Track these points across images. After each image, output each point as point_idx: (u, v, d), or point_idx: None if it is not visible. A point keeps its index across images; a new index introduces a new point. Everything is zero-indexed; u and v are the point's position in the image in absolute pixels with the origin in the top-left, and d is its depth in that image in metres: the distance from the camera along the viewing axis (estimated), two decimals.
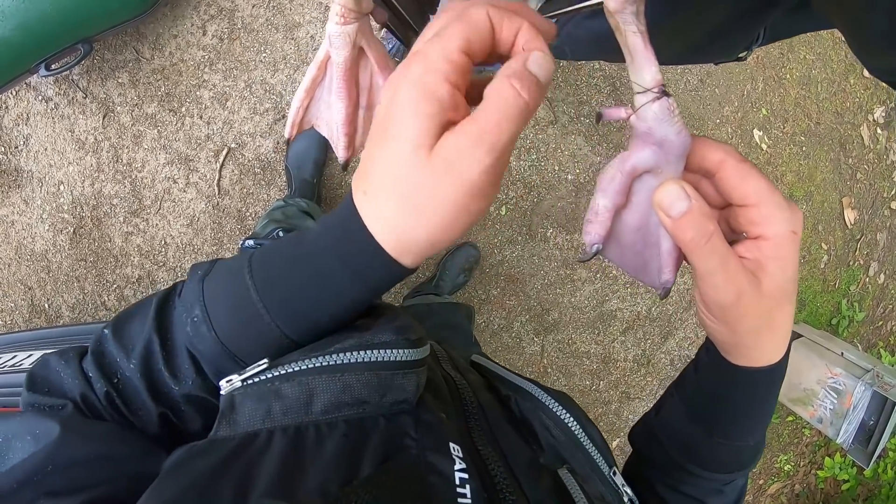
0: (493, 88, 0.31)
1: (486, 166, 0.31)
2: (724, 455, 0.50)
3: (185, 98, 1.71)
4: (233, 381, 0.35)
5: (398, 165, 0.31)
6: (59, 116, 1.69)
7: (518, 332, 2.10)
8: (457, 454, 0.35)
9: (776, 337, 0.41)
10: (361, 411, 0.35)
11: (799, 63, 2.27)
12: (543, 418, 0.48)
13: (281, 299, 0.35)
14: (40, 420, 0.34)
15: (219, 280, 0.38)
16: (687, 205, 0.35)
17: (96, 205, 1.75)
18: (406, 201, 0.32)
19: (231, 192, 1.79)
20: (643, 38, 0.35)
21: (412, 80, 0.31)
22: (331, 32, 0.43)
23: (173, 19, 1.65)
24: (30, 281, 1.79)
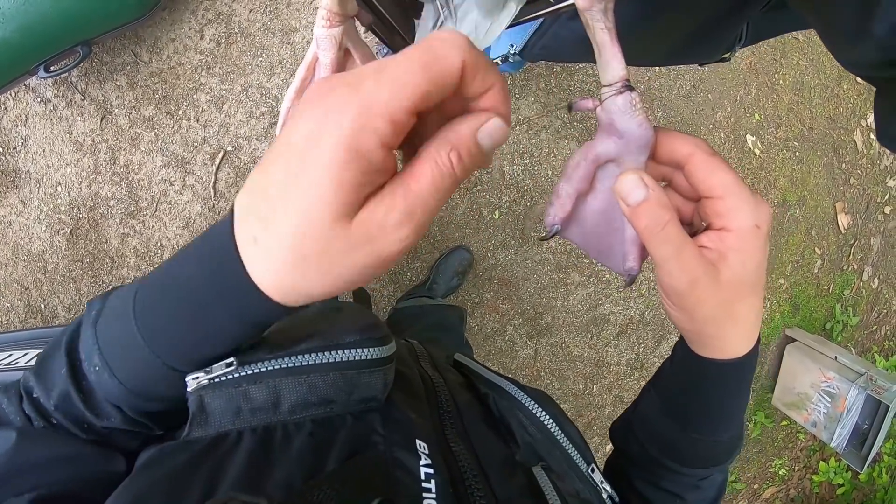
0: (432, 157, 0.29)
1: (408, 243, 0.29)
2: (698, 450, 0.50)
3: (182, 101, 1.73)
4: (200, 379, 0.33)
5: (309, 228, 0.27)
6: (57, 118, 1.71)
7: (511, 336, 2.12)
8: (423, 451, 0.36)
9: (739, 329, 0.42)
10: (329, 410, 0.36)
11: (792, 69, 2.29)
12: (520, 416, 0.49)
13: (168, 342, 0.33)
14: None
15: (109, 324, 0.35)
16: (644, 194, 0.36)
17: (93, 206, 1.77)
18: (307, 262, 0.28)
19: (227, 195, 1.80)
20: (611, 34, 0.37)
21: (344, 133, 0.26)
22: (317, 35, 0.45)
23: (171, 23, 1.68)
24: (26, 281, 1.81)
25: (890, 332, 2.83)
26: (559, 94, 1.95)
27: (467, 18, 0.46)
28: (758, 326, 0.43)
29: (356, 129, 0.26)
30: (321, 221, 0.27)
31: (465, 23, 0.46)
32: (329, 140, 0.26)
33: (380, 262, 0.29)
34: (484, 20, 0.45)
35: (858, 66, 0.44)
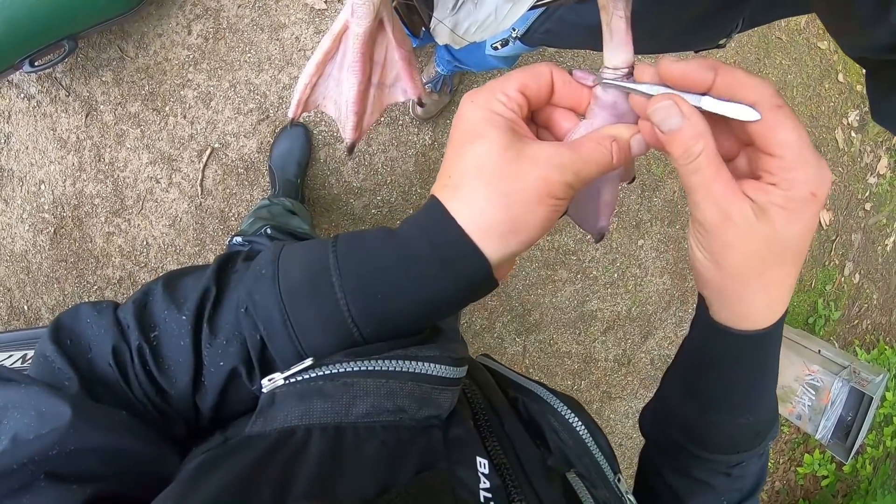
0: (598, 136, 0.38)
1: (567, 183, 0.36)
2: (720, 434, 0.48)
3: (168, 97, 1.73)
4: (275, 380, 0.35)
5: (485, 158, 0.36)
6: (41, 114, 1.70)
7: (500, 333, 2.14)
8: (483, 471, 0.36)
9: (768, 295, 0.39)
10: (398, 420, 0.36)
11: (775, 68, 2.34)
12: (552, 421, 0.48)
13: (360, 274, 0.36)
14: (49, 398, 0.32)
15: (299, 248, 0.39)
16: (679, 122, 0.35)
17: (77, 204, 1.76)
18: (490, 185, 0.35)
19: (214, 193, 1.80)
20: (627, 23, 0.39)
21: (479, 103, 0.38)
22: (355, 1, 0.43)
23: (158, 18, 1.68)
24: (8, 282, 1.78)
25: (871, 326, 2.90)
26: None
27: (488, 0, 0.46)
28: (787, 300, 0.40)
29: (485, 100, 0.38)
30: (493, 149, 0.36)
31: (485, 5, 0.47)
32: (470, 110, 0.38)
33: (545, 188, 0.35)
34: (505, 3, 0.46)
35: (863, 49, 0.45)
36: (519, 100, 0.38)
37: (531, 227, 0.36)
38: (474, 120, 0.37)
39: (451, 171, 0.38)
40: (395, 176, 1.90)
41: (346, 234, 0.39)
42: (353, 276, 0.36)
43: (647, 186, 2.17)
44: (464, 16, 0.48)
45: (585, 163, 0.36)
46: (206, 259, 1.82)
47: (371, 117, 0.49)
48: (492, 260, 0.36)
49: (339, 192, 1.88)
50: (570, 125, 0.41)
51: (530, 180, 0.35)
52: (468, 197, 0.36)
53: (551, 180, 0.35)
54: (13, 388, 0.33)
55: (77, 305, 0.38)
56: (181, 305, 0.37)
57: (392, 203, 1.91)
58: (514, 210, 0.35)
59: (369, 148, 1.87)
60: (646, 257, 2.24)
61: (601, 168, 0.37)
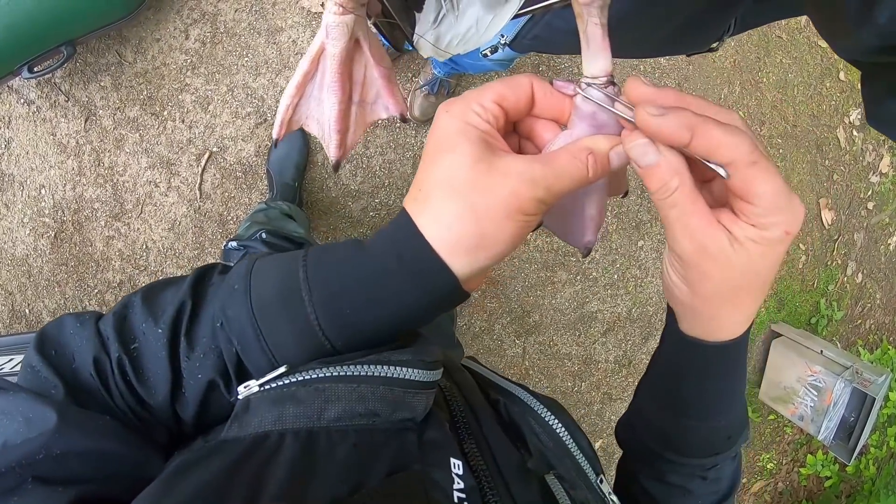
0: (574, 149, 0.37)
1: (538, 199, 0.35)
2: (694, 438, 0.49)
3: (167, 102, 1.73)
4: (250, 387, 0.36)
5: (456, 171, 0.35)
6: (40, 120, 1.70)
7: (499, 335, 2.13)
8: (457, 472, 0.36)
9: (737, 314, 0.41)
10: (371, 423, 0.36)
11: (775, 67, 2.33)
12: (532, 423, 0.49)
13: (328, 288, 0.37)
14: (36, 404, 0.33)
15: (270, 262, 0.39)
16: (655, 159, 0.35)
17: (77, 209, 1.76)
18: (459, 200, 0.35)
19: (213, 196, 1.81)
20: (603, 30, 0.38)
21: (453, 114, 0.37)
22: (328, 23, 0.43)
23: (156, 23, 1.68)
24: (10, 286, 1.79)
25: (874, 325, 2.88)
26: None
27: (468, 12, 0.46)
28: (755, 314, 0.42)
29: (460, 110, 0.37)
30: (464, 162, 0.35)
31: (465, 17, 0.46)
32: (444, 120, 0.37)
33: (515, 204, 0.35)
34: (486, 14, 0.46)
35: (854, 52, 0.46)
36: (495, 111, 0.37)
37: (499, 243, 0.36)
38: (448, 131, 0.37)
39: (422, 182, 0.37)
40: (393, 178, 1.90)
41: (317, 247, 0.40)
42: (323, 290, 0.37)
43: (645, 187, 2.16)
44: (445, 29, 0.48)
45: (558, 177, 0.36)
46: (206, 262, 1.81)
47: (354, 135, 0.49)
48: (460, 274, 0.37)
49: (336, 195, 1.88)
50: (552, 136, 0.41)
51: (500, 195, 0.35)
52: (437, 211, 0.36)
53: (521, 195, 0.35)
54: (1, 395, 0.34)
55: (61, 317, 0.39)
56: (158, 318, 0.38)
57: (390, 206, 1.91)
58: (482, 225, 0.35)
59: (367, 151, 1.87)
60: (646, 258, 2.23)
61: (576, 182, 0.37)
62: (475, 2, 0.46)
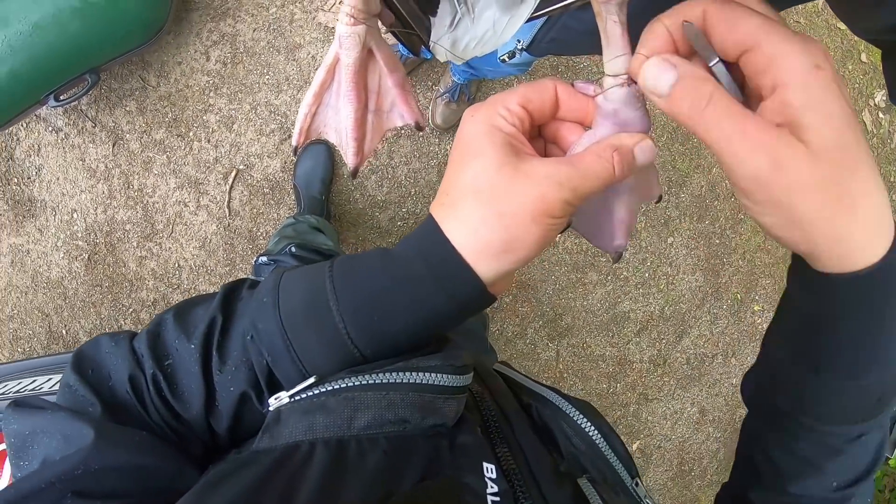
0: (599, 148, 0.36)
1: (565, 200, 0.34)
2: (837, 399, 0.40)
3: (192, 123, 1.72)
4: (281, 398, 0.35)
5: (482, 176, 0.35)
6: (69, 146, 1.71)
7: (532, 339, 2.09)
8: (490, 476, 0.36)
9: (861, 220, 0.31)
10: (402, 430, 0.35)
11: None
12: (564, 426, 0.47)
13: (356, 296, 0.37)
14: (73, 422, 0.34)
15: (297, 274, 0.39)
16: (674, 75, 0.32)
17: (109, 231, 1.77)
18: (485, 204, 0.34)
19: (241, 213, 1.79)
20: (623, 28, 0.37)
21: (479, 118, 0.37)
22: (341, 34, 0.43)
23: (177, 47, 1.67)
24: (47, 308, 1.80)
25: None
26: None
27: (485, 15, 0.45)
28: (890, 217, 0.33)
29: (486, 114, 0.36)
30: (489, 167, 0.35)
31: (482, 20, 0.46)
32: (470, 124, 0.37)
33: (542, 207, 0.34)
34: (503, 16, 0.45)
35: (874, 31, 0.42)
36: (520, 114, 0.37)
37: (527, 246, 0.35)
38: (473, 135, 0.37)
39: (449, 188, 0.37)
40: (419, 187, 1.86)
41: (343, 257, 0.40)
42: (350, 298, 0.37)
43: (673, 183, 2.10)
44: (462, 32, 0.47)
45: (584, 177, 0.35)
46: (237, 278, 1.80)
47: (371, 142, 0.49)
48: (487, 279, 0.36)
49: (364, 206, 1.85)
50: (577, 138, 0.40)
51: (527, 199, 0.34)
52: (463, 216, 0.35)
53: (548, 198, 0.34)
54: (40, 414, 0.35)
55: (97, 337, 0.39)
56: (191, 335, 0.38)
57: (417, 214, 1.88)
58: (510, 230, 0.34)
59: (392, 161, 1.83)
60: (676, 255, 2.16)
61: (602, 181, 0.35)
62: (491, 4, 0.45)
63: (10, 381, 1.23)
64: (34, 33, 1.30)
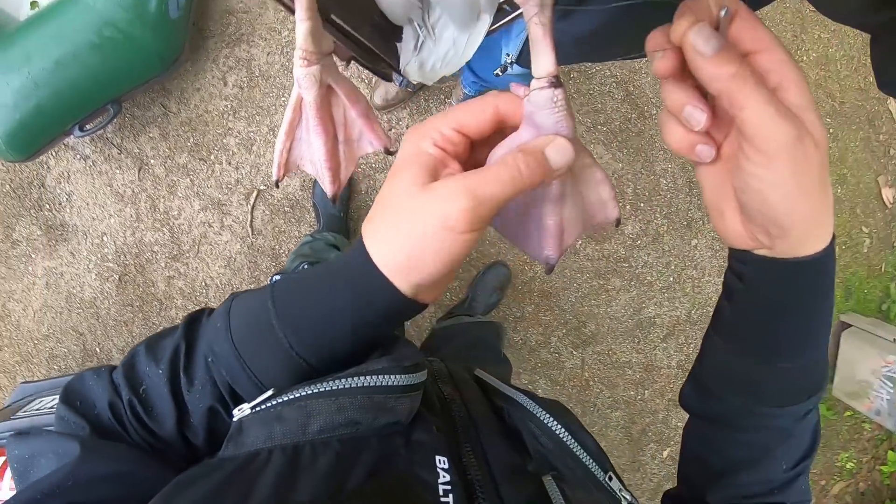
0: (503, 158, 0.36)
1: (465, 209, 0.34)
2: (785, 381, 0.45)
3: (213, 146, 1.74)
4: (243, 409, 0.38)
5: (394, 195, 0.36)
6: (97, 172, 1.74)
7: (556, 347, 2.05)
8: (442, 466, 0.37)
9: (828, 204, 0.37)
10: (354, 431, 0.37)
11: (814, 43, 2.15)
12: (531, 427, 0.48)
13: (290, 308, 0.39)
14: (62, 441, 0.37)
15: (246, 296, 0.42)
16: (720, 42, 0.33)
17: (138, 252, 1.80)
18: (391, 222, 0.36)
19: (264, 232, 1.81)
20: (544, 29, 0.37)
21: (410, 140, 0.38)
22: (297, 76, 0.45)
23: (195, 73, 1.70)
24: (81, 327, 1.85)
25: None
26: (579, 99, 1.89)
27: (445, 35, 0.47)
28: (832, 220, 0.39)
29: (418, 137, 0.37)
30: (400, 187, 0.36)
31: (443, 40, 0.47)
32: (405, 146, 0.38)
33: (441, 221, 0.34)
34: (461, 34, 0.46)
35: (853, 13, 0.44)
36: (452, 137, 0.37)
37: (431, 263, 0.36)
38: (401, 156, 0.38)
39: (375, 204, 0.39)
40: None
41: (283, 277, 0.42)
42: (289, 314, 0.39)
43: (694, 183, 2.04)
44: (427, 54, 0.48)
45: (488, 183, 0.35)
46: None
47: (346, 170, 0.50)
48: (404, 290, 0.37)
49: None
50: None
51: (427, 215, 0.35)
52: (378, 232, 0.37)
53: (447, 211, 0.34)
54: (35, 439, 0.39)
55: (82, 372, 0.43)
56: (159, 361, 0.41)
57: None
58: (408, 246, 0.36)
59: None
60: (701, 257, 2.11)
61: (510, 186, 0.35)
62: (449, 24, 0.46)
63: (45, 398, 1.26)
64: (56, 69, 1.34)
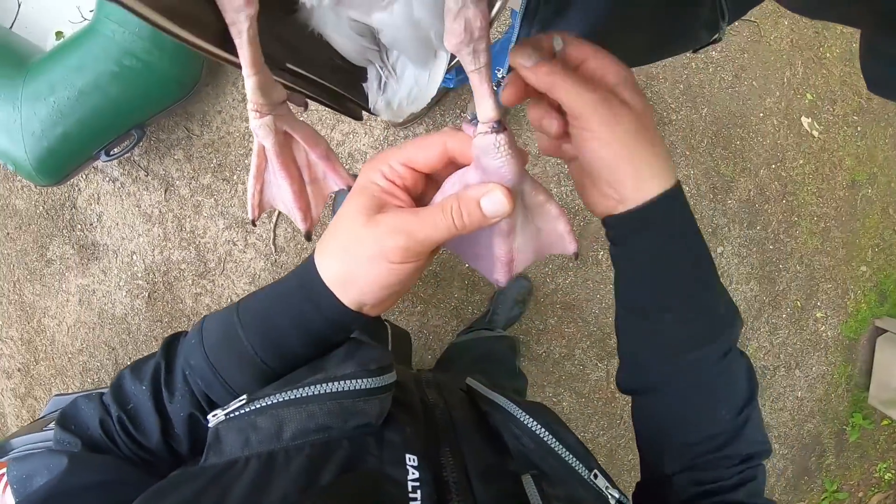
0: (442, 203, 0.38)
1: (399, 246, 0.37)
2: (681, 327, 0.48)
3: (235, 167, 1.76)
4: (217, 416, 0.39)
5: (343, 220, 0.39)
6: (125, 194, 1.77)
7: (580, 360, 2.01)
8: (412, 464, 0.39)
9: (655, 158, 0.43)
10: (326, 436, 0.39)
11: (837, 38, 2.07)
12: (512, 428, 0.49)
13: (252, 318, 0.42)
14: (52, 456, 0.41)
15: (216, 315, 0.45)
16: (537, 56, 0.42)
17: (166, 270, 1.82)
18: (338, 246, 0.39)
19: (287, 249, 1.82)
20: (480, 75, 0.37)
21: (363, 173, 0.41)
22: (252, 127, 0.46)
23: (216, 97, 1.71)
24: (112, 342, 1.88)
25: None
26: None
27: (406, 74, 0.47)
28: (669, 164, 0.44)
29: (370, 170, 0.40)
30: (347, 217, 0.39)
31: (405, 78, 0.48)
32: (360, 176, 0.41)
33: (380, 252, 0.37)
34: (422, 72, 0.47)
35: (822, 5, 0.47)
36: (401, 172, 0.40)
37: (366, 284, 0.39)
38: (357, 185, 0.41)
39: (330, 225, 0.42)
40: None
41: (248, 294, 0.45)
42: (252, 324, 0.42)
43: (718, 189, 1.99)
44: (391, 93, 0.49)
45: (424, 225, 0.38)
46: None
47: (317, 208, 0.52)
48: (347, 303, 0.40)
49: None
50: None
51: (366, 243, 0.38)
52: (326, 249, 0.40)
53: (384, 244, 0.37)
54: (30, 459, 0.42)
55: (75, 399, 0.46)
56: (142, 379, 0.44)
57: None
58: (351, 268, 0.39)
59: None
60: (728, 265, 2.04)
61: (443, 231, 0.38)
62: (408, 63, 0.47)
63: None
64: (80, 98, 1.37)
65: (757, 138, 2.02)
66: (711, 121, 1.97)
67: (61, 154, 1.44)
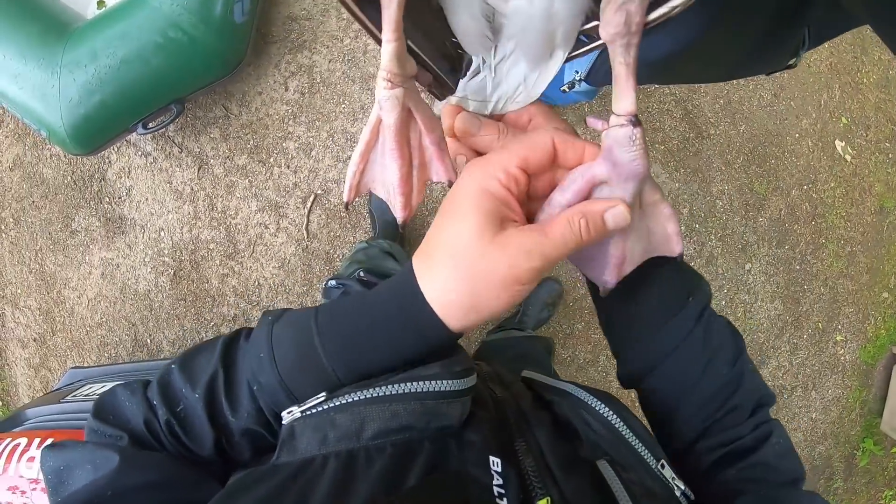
0: (569, 215, 0.37)
1: (534, 268, 0.36)
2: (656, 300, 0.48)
3: (272, 149, 1.71)
4: (293, 412, 0.37)
5: (461, 240, 0.36)
6: (157, 169, 1.73)
7: (604, 366, 1.97)
8: (496, 468, 0.37)
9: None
10: (408, 436, 0.37)
11: (874, 65, 2.04)
12: (584, 415, 0.48)
13: (339, 345, 0.39)
14: (100, 451, 0.37)
15: (287, 325, 0.41)
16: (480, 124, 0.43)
17: (194, 249, 1.78)
18: (458, 268, 0.36)
19: (319, 236, 1.78)
20: (628, 69, 0.37)
21: (475, 178, 0.38)
22: (380, 97, 0.43)
23: (257, 78, 1.67)
24: (133, 318, 1.84)
25: None
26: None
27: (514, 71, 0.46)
28: None
29: (483, 175, 0.38)
30: (467, 234, 0.36)
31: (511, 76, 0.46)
32: (467, 183, 0.38)
33: (513, 277, 0.35)
34: (532, 72, 0.45)
35: None
36: (518, 176, 0.38)
37: (493, 308, 0.37)
38: (464, 195, 0.38)
39: (430, 241, 0.39)
40: None
41: (326, 304, 0.42)
42: (336, 349, 0.39)
43: (750, 206, 1.96)
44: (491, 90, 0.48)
45: (555, 245, 0.37)
46: (314, 298, 1.82)
47: (418, 196, 0.49)
48: (455, 329, 0.38)
49: None
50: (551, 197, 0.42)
51: (498, 268, 0.36)
52: (437, 273, 0.37)
53: (518, 267, 0.36)
54: (70, 449, 0.37)
55: (113, 387, 0.42)
56: (196, 384, 0.40)
57: None
58: (478, 294, 0.36)
59: None
60: (754, 282, 2.01)
61: (572, 247, 0.37)
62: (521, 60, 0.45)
63: (95, 384, 1.24)
64: (121, 67, 1.32)
65: (791, 158, 1.99)
66: (748, 137, 1.94)
67: (97, 122, 1.39)
